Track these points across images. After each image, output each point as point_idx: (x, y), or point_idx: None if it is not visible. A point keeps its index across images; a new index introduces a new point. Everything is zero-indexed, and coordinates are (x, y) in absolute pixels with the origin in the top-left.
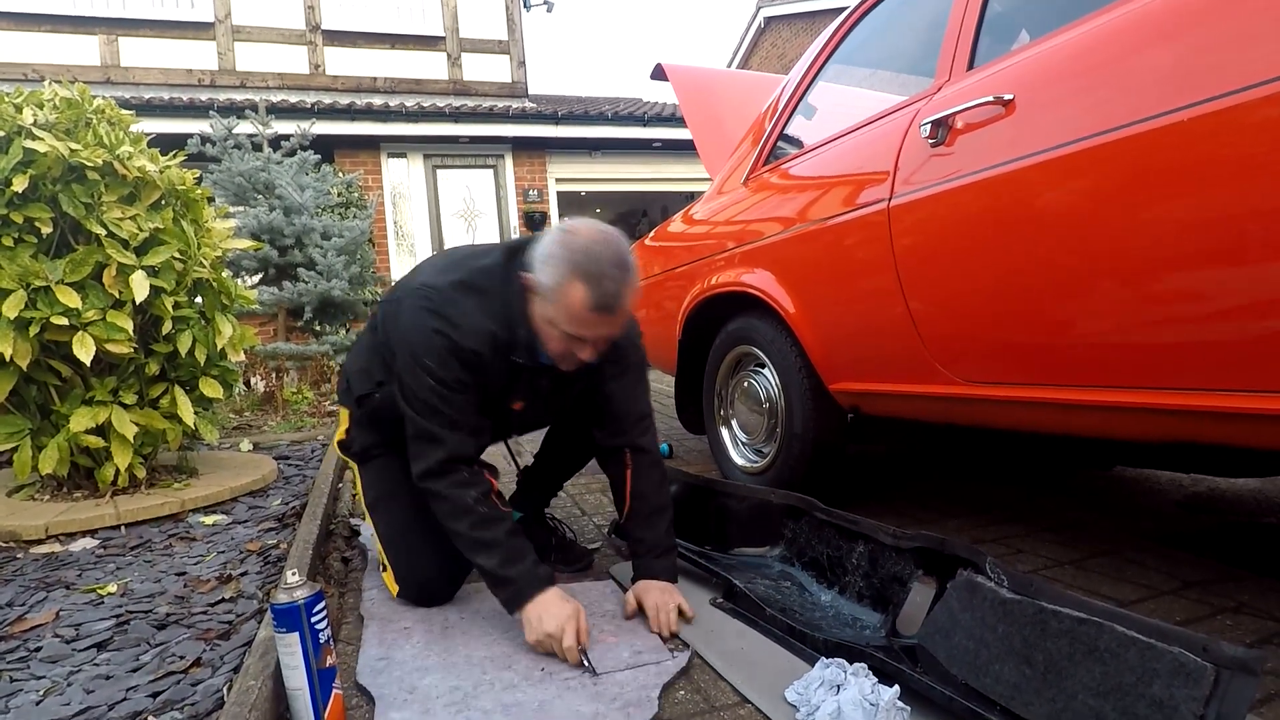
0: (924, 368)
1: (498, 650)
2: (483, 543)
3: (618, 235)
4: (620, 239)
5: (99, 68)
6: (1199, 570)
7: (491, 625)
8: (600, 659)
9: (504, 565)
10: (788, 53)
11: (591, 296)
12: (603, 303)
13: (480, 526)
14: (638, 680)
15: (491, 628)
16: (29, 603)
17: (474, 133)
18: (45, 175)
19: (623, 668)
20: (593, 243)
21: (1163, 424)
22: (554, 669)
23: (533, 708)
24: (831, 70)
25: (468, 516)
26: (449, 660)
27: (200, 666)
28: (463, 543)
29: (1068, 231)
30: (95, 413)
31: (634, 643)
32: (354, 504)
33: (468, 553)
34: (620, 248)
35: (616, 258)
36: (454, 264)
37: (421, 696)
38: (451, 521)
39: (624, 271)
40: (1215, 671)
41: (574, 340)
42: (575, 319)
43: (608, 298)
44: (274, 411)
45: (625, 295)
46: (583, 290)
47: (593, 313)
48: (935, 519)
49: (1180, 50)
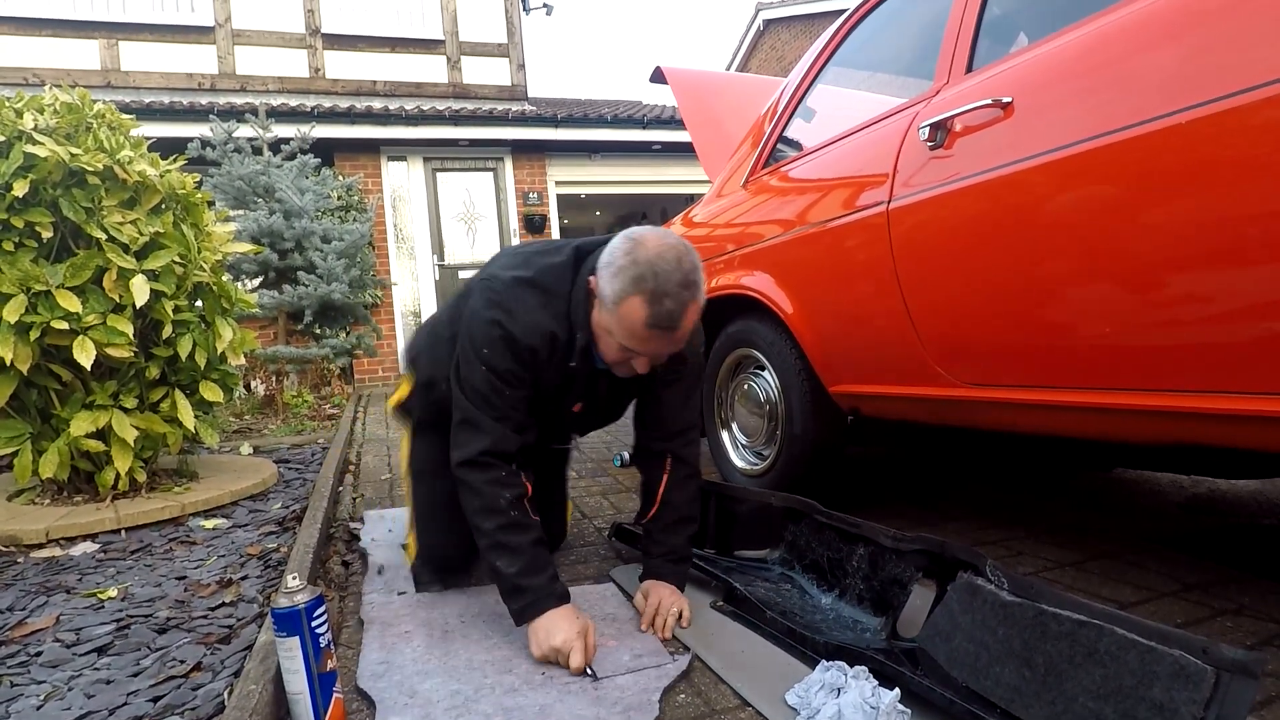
0: (924, 370)
1: (498, 654)
2: (508, 547)
3: (686, 249)
4: (688, 253)
5: (99, 72)
6: (1199, 572)
7: (492, 629)
8: (600, 663)
9: (522, 575)
10: (787, 55)
11: (651, 314)
12: (662, 322)
13: (507, 530)
14: (638, 684)
15: (492, 631)
16: (29, 607)
17: (474, 136)
18: (46, 180)
19: (623, 672)
20: (659, 258)
21: (1163, 426)
22: (554, 673)
23: (534, 712)
24: (830, 73)
25: (497, 517)
26: (450, 664)
27: (201, 671)
28: (486, 542)
29: (1067, 234)
30: (95, 417)
31: (634, 646)
32: (354, 507)
33: (488, 553)
34: (688, 264)
35: (683, 276)
36: (524, 259)
37: (422, 701)
38: (479, 518)
39: (689, 290)
40: (1215, 674)
41: (629, 351)
42: (632, 333)
43: (668, 318)
44: (274, 415)
45: (688, 314)
46: (642, 307)
47: (650, 329)
48: (935, 521)
49: (1179, 53)
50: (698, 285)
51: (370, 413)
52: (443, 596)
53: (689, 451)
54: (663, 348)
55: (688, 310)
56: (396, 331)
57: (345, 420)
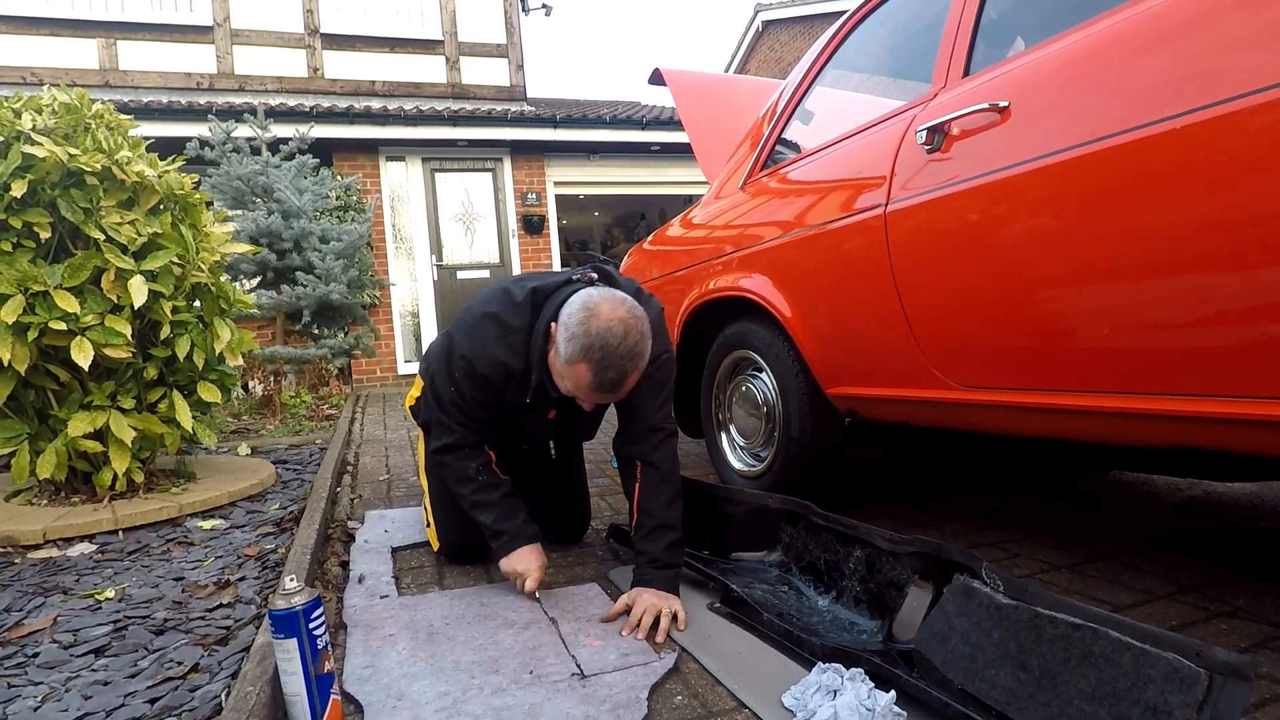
0: (920, 373)
1: (485, 655)
2: (484, 504)
3: (635, 320)
4: (637, 324)
5: (97, 71)
6: (1195, 574)
7: (477, 630)
8: (587, 661)
9: (499, 521)
10: (785, 57)
11: (595, 380)
12: (605, 388)
13: (481, 491)
14: (626, 681)
15: (477, 633)
16: (26, 608)
17: (472, 136)
18: (44, 180)
19: (610, 670)
20: (609, 332)
21: (1159, 429)
22: (542, 671)
23: (523, 711)
24: (829, 75)
25: (470, 483)
26: (436, 666)
27: (198, 672)
28: (466, 504)
29: (1063, 237)
30: (93, 417)
31: (620, 645)
32: (352, 508)
33: (471, 511)
34: (633, 338)
35: (628, 350)
36: (496, 294)
37: (410, 703)
38: (458, 487)
39: (632, 361)
40: (1209, 677)
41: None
42: (579, 389)
43: (610, 385)
44: (272, 415)
45: (628, 381)
46: (589, 373)
47: (594, 392)
48: (932, 524)
49: (1175, 58)
50: (641, 355)
51: (368, 413)
52: (425, 599)
53: (659, 454)
54: (605, 400)
55: (628, 378)
56: (395, 332)
57: (343, 421)
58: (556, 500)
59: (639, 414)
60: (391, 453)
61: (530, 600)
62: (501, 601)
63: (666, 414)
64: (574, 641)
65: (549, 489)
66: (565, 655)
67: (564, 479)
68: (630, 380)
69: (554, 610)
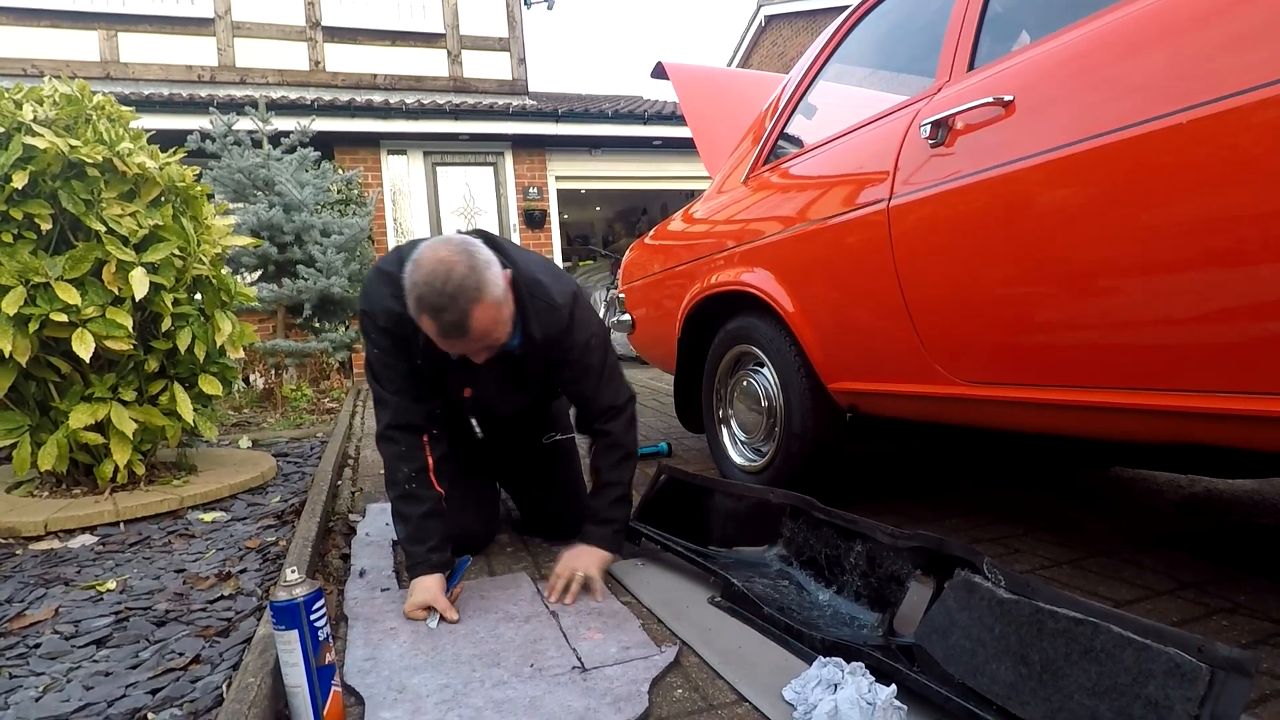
0: (923, 368)
1: (485, 649)
2: (400, 515)
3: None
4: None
5: (98, 63)
6: (1196, 571)
7: (478, 624)
8: (588, 655)
9: (408, 541)
10: (788, 51)
11: (439, 327)
12: (450, 333)
13: (402, 501)
14: (627, 675)
15: (478, 626)
16: (28, 599)
17: (474, 130)
18: (45, 171)
19: (611, 663)
20: (432, 276)
21: (1161, 425)
22: (542, 664)
23: (524, 704)
24: (832, 70)
25: (396, 489)
26: (437, 659)
27: (199, 663)
28: (391, 506)
29: (1067, 233)
30: (94, 409)
31: (620, 638)
32: (353, 501)
33: (391, 516)
34: (458, 275)
35: (455, 288)
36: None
37: (411, 695)
38: (387, 486)
39: (464, 296)
40: (1210, 672)
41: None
42: (439, 341)
43: (454, 328)
44: (273, 408)
45: (474, 318)
46: (430, 323)
47: (445, 339)
48: (933, 518)
49: (1180, 53)
50: (475, 288)
51: (369, 406)
52: None
53: (614, 424)
54: (470, 347)
55: (471, 315)
56: None
57: (344, 414)
58: (534, 497)
59: (585, 398)
60: None
61: (531, 593)
62: (501, 595)
63: (615, 390)
64: (575, 634)
65: (524, 484)
66: (566, 648)
67: (538, 474)
68: (477, 316)
69: (554, 603)
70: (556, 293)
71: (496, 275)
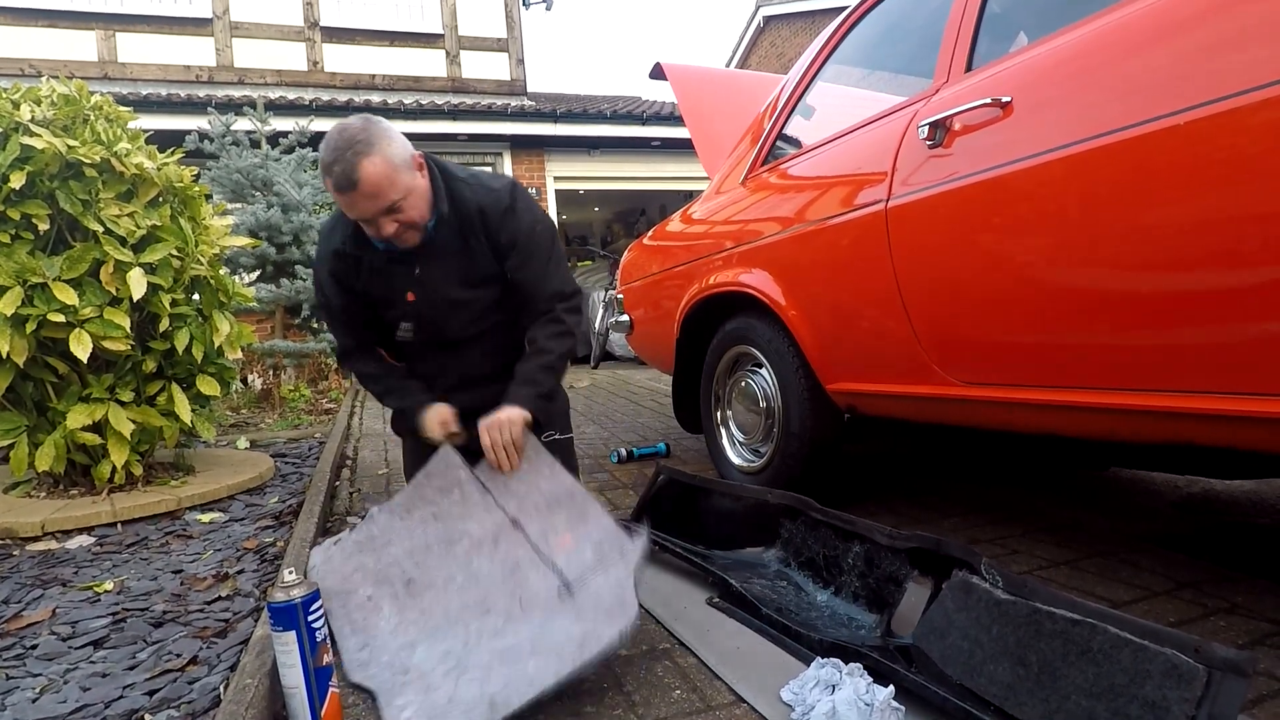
0: (920, 369)
1: (470, 596)
2: (390, 391)
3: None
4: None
5: (96, 63)
6: (1193, 571)
7: (449, 562)
8: (568, 567)
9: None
10: (786, 52)
11: (332, 183)
12: (341, 185)
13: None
14: (610, 581)
15: (451, 566)
16: (25, 600)
17: (472, 130)
18: (43, 172)
19: (591, 572)
20: (330, 137)
21: (1159, 426)
22: (528, 596)
23: (526, 648)
24: (830, 70)
25: (374, 383)
26: (428, 624)
27: (197, 664)
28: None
29: (1064, 234)
30: (92, 410)
31: (590, 535)
32: (351, 502)
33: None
34: (351, 131)
35: (344, 141)
36: None
37: (417, 674)
38: (366, 385)
39: (352, 149)
40: (1207, 673)
41: (365, 223)
42: (342, 206)
43: (342, 179)
44: (271, 409)
45: (361, 170)
46: (328, 181)
47: (340, 195)
48: (931, 519)
49: (1179, 53)
50: (364, 143)
51: (367, 407)
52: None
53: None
54: (368, 206)
55: (359, 167)
56: None
57: (342, 415)
58: None
59: (533, 284)
60: (390, 446)
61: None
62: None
63: (563, 278)
64: (546, 546)
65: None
66: (543, 569)
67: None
68: (366, 170)
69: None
70: (491, 179)
71: (398, 144)
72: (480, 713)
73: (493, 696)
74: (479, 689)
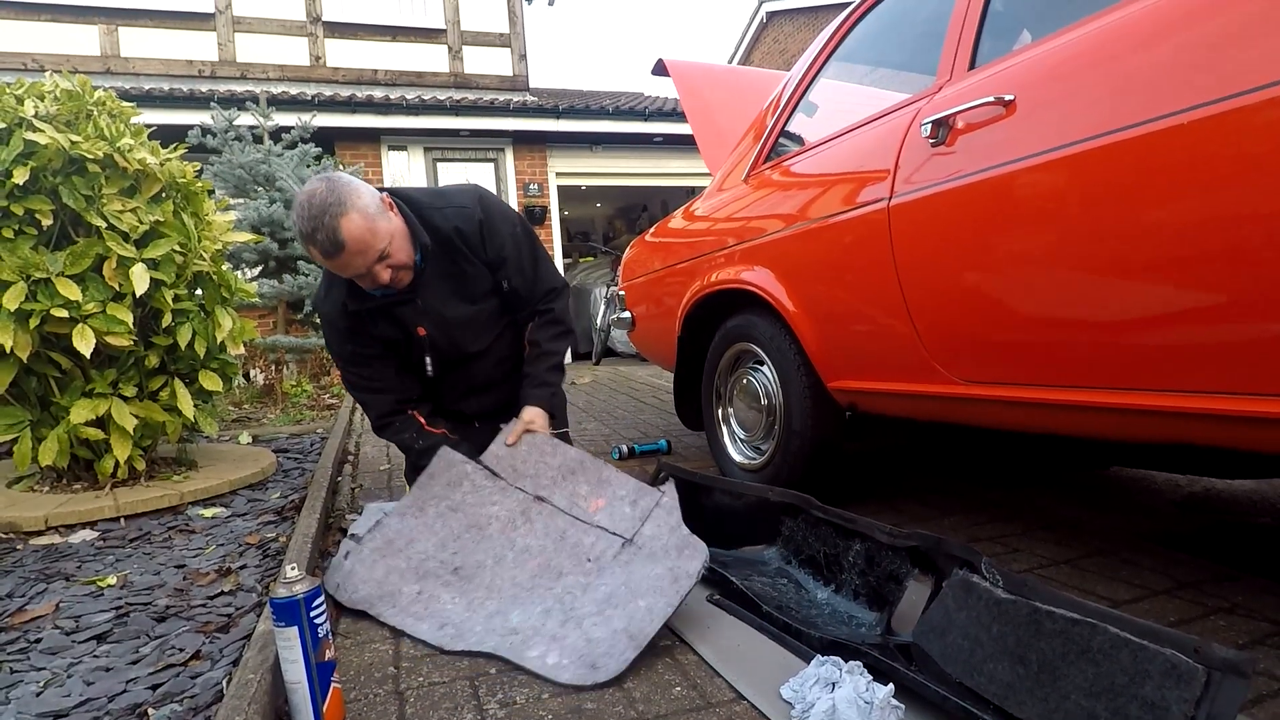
0: (922, 367)
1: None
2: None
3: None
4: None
5: (99, 58)
6: (1194, 570)
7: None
8: (616, 525)
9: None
10: (789, 48)
11: (319, 252)
12: (329, 251)
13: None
14: (663, 528)
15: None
16: (29, 594)
17: (475, 126)
18: (46, 167)
19: (640, 521)
20: (302, 208)
21: (1160, 425)
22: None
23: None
24: (833, 68)
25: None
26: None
27: (200, 659)
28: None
29: (1067, 233)
30: (95, 405)
31: (617, 491)
32: (353, 498)
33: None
34: (319, 198)
35: (318, 210)
36: None
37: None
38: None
39: (329, 213)
40: (1206, 673)
41: (360, 277)
42: (333, 269)
43: (329, 245)
44: (273, 404)
45: (344, 233)
46: (314, 250)
47: (330, 261)
48: (932, 517)
49: (1183, 52)
50: (338, 202)
51: None
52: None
53: (555, 304)
54: (359, 262)
55: (339, 231)
56: None
57: (344, 410)
58: None
59: (528, 285)
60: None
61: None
62: (460, 495)
63: (551, 273)
64: (582, 513)
65: None
66: (594, 530)
67: None
68: (348, 230)
69: (525, 484)
70: (457, 196)
71: (365, 193)
72: (622, 644)
73: (626, 630)
74: (606, 628)
